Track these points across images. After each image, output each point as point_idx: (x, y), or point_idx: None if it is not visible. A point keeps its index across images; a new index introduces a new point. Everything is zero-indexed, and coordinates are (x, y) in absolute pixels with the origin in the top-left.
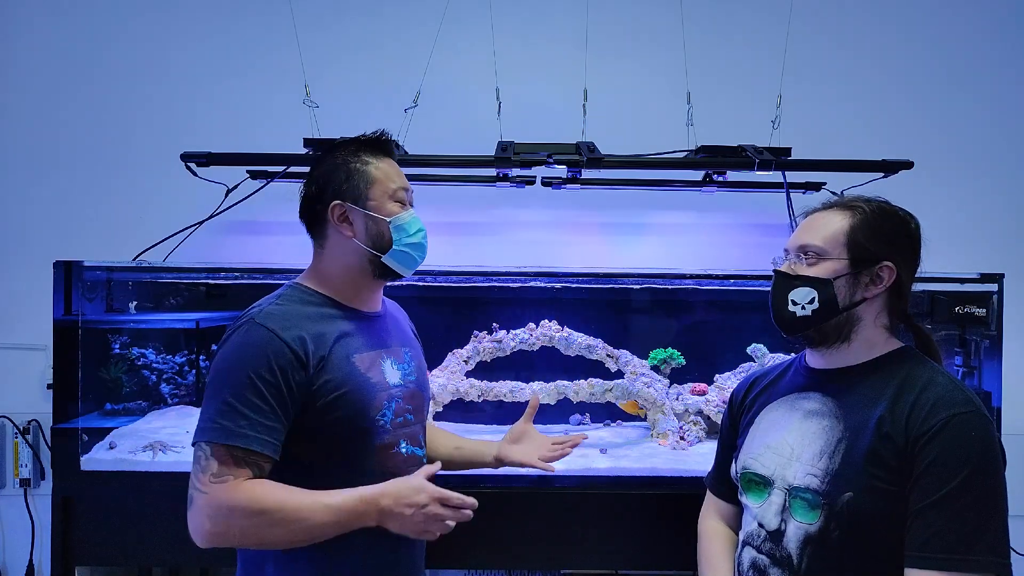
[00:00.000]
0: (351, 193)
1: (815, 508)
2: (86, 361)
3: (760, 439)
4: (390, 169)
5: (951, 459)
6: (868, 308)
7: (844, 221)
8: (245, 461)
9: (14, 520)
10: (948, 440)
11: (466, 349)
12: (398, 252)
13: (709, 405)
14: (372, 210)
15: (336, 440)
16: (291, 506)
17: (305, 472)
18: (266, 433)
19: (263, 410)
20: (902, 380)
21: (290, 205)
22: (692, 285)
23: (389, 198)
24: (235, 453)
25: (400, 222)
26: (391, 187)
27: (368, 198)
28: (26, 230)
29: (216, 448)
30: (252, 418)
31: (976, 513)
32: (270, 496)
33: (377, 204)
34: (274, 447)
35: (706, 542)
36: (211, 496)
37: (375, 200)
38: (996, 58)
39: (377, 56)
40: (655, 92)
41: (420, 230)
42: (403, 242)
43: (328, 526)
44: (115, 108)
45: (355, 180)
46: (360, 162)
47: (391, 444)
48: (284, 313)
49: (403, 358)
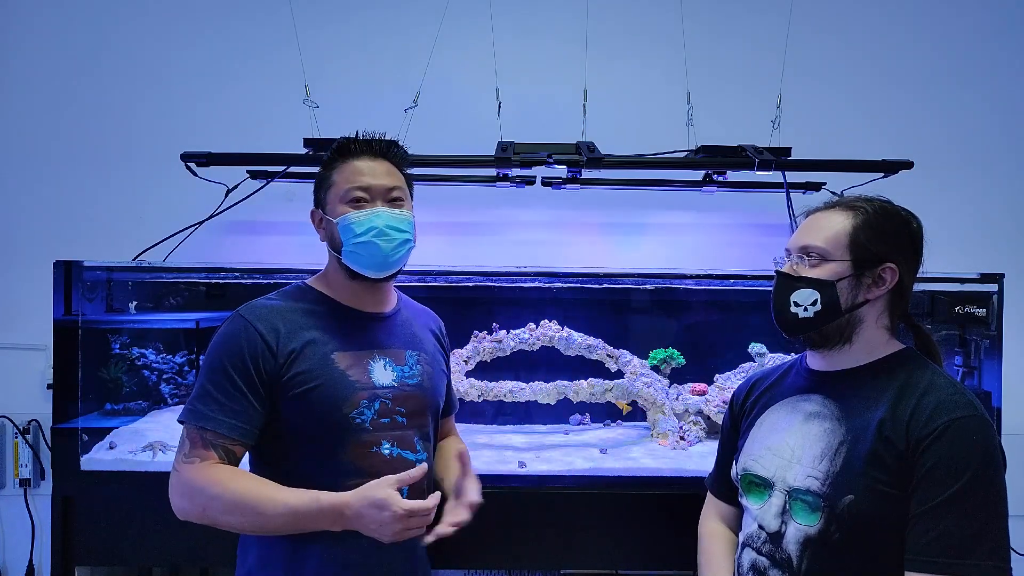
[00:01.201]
0: (320, 199)
1: (815, 510)
2: (86, 361)
3: (761, 441)
4: (350, 170)
5: (952, 463)
6: (870, 309)
7: (847, 222)
8: (213, 444)
9: (14, 520)
10: (949, 444)
11: (466, 349)
12: (348, 252)
13: (709, 405)
14: (328, 213)
15: (309, 434)
16: (248, 496)
17: (282, 464)
18: (235, 417)
19: (234, 395)
20: (903, 383)
21: (290, 205)
22: (692, 285)
23: (340, 200)
24: (205, 435)
25: (346, 222)
26: (343, 188)
27: (326, 202)
28: (26, 230)
29: (190, 430)
30: (223, 403)
31: (977, 517)
32: (229, 483)
33: (331, 207)
34: (244, 431)
35: (706, 543)
36: (180, 474)
37: (330, 203)
38: (996, 58)
39: (377, 56)
40: (655, 92)
41: (371, 229)
42: (351, 242)
43: (282, 523)
44: (115, 108)
45: (322, 186)
46: (329, 168)
47: (370, 443)
48: (268, 307)
49: (404, 360)
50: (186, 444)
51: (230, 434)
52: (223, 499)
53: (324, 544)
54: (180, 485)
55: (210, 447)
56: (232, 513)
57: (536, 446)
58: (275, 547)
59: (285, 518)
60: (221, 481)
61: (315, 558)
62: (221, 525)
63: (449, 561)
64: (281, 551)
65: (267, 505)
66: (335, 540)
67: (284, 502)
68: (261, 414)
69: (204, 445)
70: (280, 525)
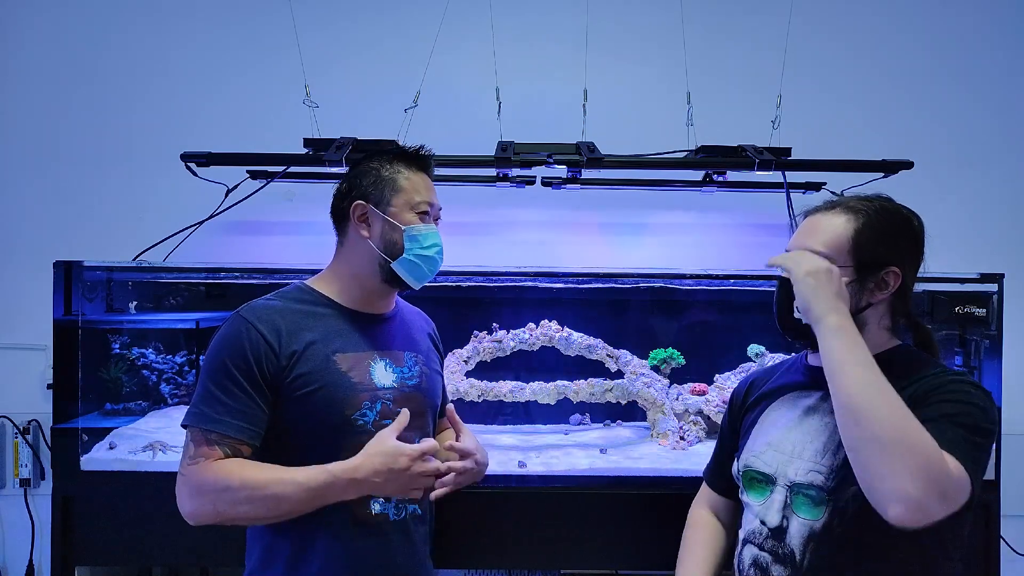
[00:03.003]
0: (375, 196)
1: (819, 504)
2: (86, 361)
3: (762, 437)
4: (420, 183)
5: (951, 395)
6: (873, 312)
7: (848, 225)
8: (219, 444)
9: (14, 520)
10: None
11: (466, 349)
12: (407, 261)
13: (709, 405)
14: (391, 216)
15: (312, 435)
16: (260, 482)
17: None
18: (240, 418)
19: (239, 396)
20: (903, 375)
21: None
22: (692, 285)
23: (410, 209)
24: (210, 437)
25: (415, 232)
26: (415, 199)
27: (390, 204)
28: (26, 230)
29: (195, 432)
30: (228, 404)
31: (968, 432)
32: (236, 473)
33: (397, 211)
34: (250, 432)
35: (690, 530)
36: (187, 477)
37: (396, 207)
38: (996, 58)
39: (377, 56)
40: (655, 92)
41: (435, 245)
42: (414, 252)
43: (297, 502)
44: (115, 108)
45: (381, 185)
46: (391, 170)
47: None
48: (269, 307)
49: (403, 362)
50: (191, 447)
51: (237, 435)
52: (234, 490)
53: (328, 542)
54: (188, 488)
55: (215, 447)
56: (246, 503)
57: (536, 446)
58: (279, 544)
59: (300, 496)
60: (230, 473)
61: (319, 557)
62: (236, 519)
63: (449, 561)
64: (286, 547)
65: (280, 487)
66: (339, 539)
67: (295, 480)
68: (266, 415)
69: (210, 446)
70: (295, 505)
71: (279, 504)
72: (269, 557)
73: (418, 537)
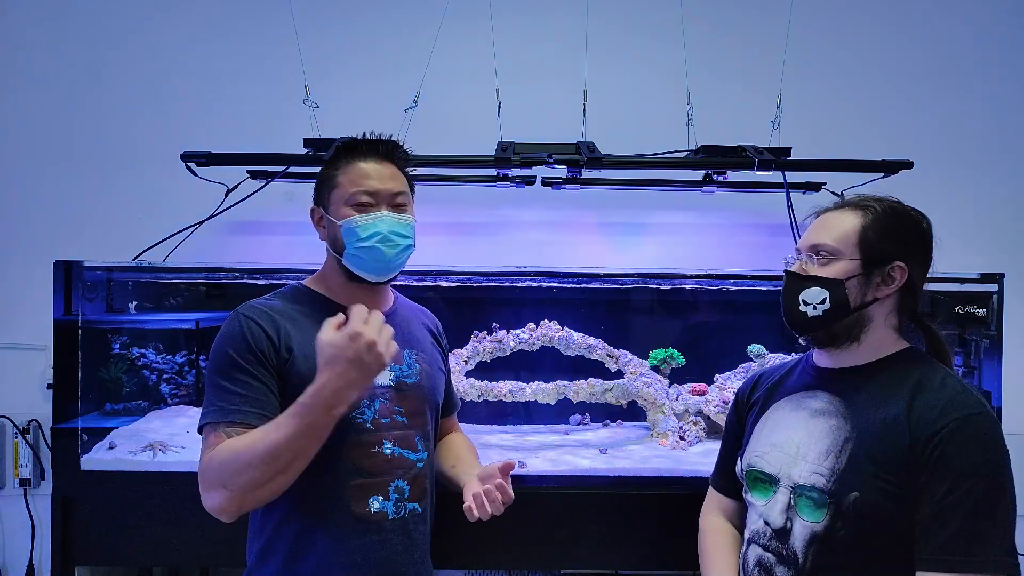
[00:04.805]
0: (322, 198)
1: (821, 507)
2: (86, 361)
3: (766, 437)
4: (356, 173)
5: (961, 460)
6: (879, 308)
7: (856, 221)
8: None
9: (14, 520)
10: (958, 442)
11: (466, 349)
12: (350, 256)
13: (709, 405)
14: (331, 214)
15: None
16: (245, 444)
17: None
18: (260, 407)
19: (253, 386)
20: (910, 381)
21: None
22: (692, 285)
23: (344, 203)
24: (228, 431)
25: (351, 225)
26: (349, 191)
27: (329, 202)
28: (26, 230)
29: (216, 427)
30: (245, 394)
31: (987, 513)
32: (227, 447)
33: (335, 208)
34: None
35: (707, 537)
36: (204, 471)
37: (334, 204)
38: (996, 58)
39: (377, 56)
40: (655, 92)
41: (376, 234)
42: (354, 246)
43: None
44: (115, 108)
45: (325, 185)
46: (331, 167)
47: (371, 443)
48: (267, 306)
49: (402, 359)
50: (203, 445)
51: (258, 422)
52: (230, 462)
53: (327, 540)
54: (203, 483)
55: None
56: (247, 469)
57: (536, 446)
58: (278, 542)
59: (290, 438)
60: (222, 450)
61: (317, 554)
62: (248, 491)
63: (449, 561)
64: (284, 544)
65: (267, 439)
66: (337, 536)
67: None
68: (277, 400)
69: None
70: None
71: (276, 456)
72: (268, 554)
73: (418, 536)
